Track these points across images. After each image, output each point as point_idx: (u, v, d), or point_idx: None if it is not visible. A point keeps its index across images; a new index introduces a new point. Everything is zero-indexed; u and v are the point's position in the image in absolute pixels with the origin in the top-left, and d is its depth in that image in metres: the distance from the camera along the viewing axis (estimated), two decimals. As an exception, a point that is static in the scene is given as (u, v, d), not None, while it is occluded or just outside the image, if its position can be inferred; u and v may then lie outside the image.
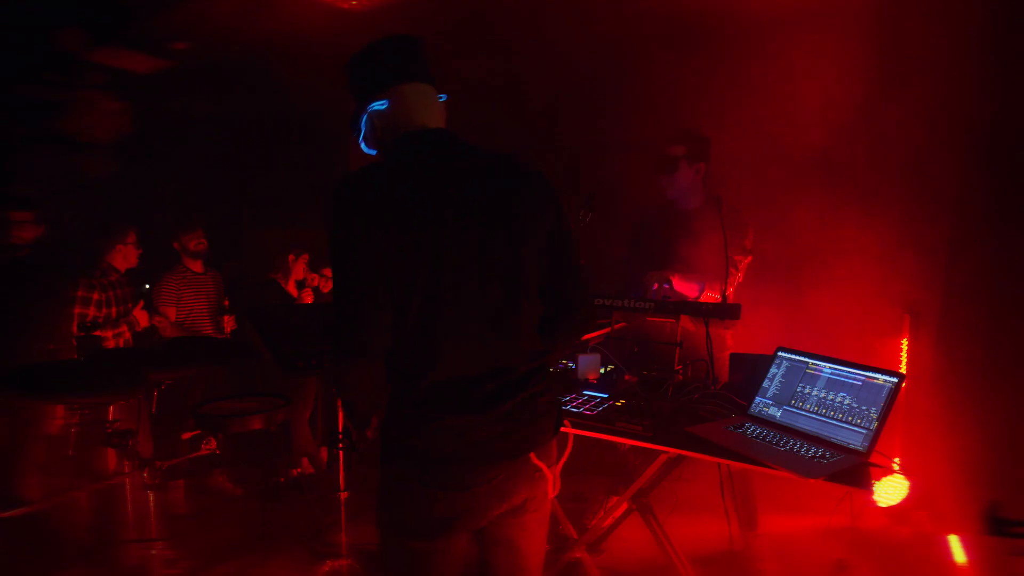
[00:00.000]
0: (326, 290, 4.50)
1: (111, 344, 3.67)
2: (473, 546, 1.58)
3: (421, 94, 1.50)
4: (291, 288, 4.28)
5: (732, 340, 2.98)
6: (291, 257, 4.24)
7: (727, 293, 2.68)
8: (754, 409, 2.17)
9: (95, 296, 3.66)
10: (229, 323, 4.22)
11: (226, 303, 4.28)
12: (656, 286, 2.74)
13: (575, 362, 2.55)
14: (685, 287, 2.84)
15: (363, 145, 1.57)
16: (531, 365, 1.48)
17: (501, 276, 1.42)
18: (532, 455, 1.49)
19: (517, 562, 1.59)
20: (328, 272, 4.48)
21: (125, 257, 3.89)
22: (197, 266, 4.25)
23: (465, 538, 1.51)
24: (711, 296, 2.85)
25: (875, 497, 1.68)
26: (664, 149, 3.07)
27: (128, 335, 3.80)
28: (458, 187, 1.41)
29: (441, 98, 1.55)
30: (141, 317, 3.86)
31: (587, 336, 2.61)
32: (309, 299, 4.37)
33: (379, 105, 1.49)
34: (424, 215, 1.36)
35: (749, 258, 2.99)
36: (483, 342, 1.42)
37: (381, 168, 1.43)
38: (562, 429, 2.10)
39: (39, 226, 3.45)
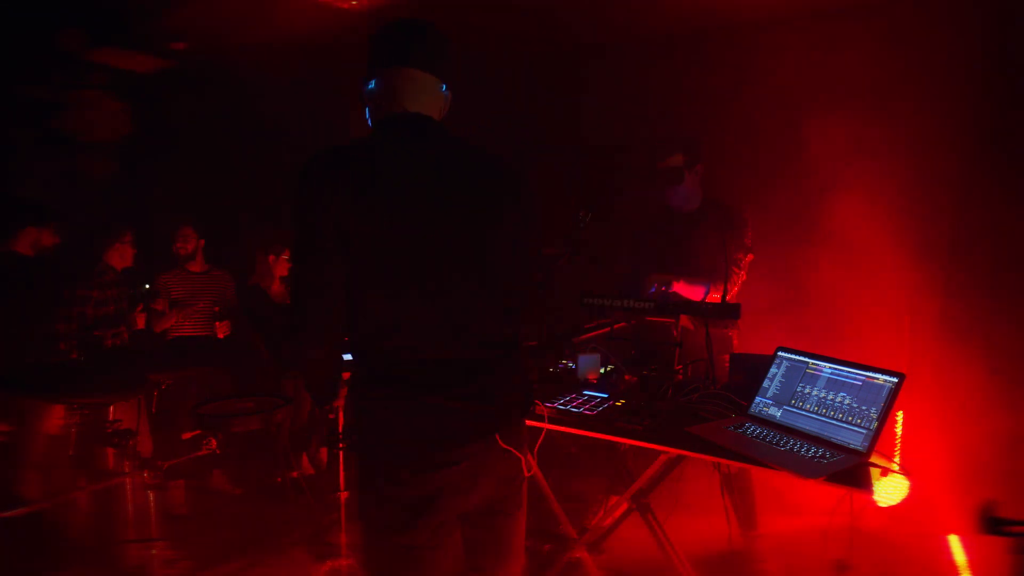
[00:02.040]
0: None
1: (108, 344, 3.67)
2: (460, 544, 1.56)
3: (411, 80, 1.50)
4: (276, 287, 4.19)
5: (738, 340, 2.97)
6: (271, 258, 4.19)
7: (732, 292, 2.67)
8: (754, 409, 2.16)
9: (94, 295, 3.66)
10: (222, 329, 4.14)
11: (216, 309, 4.20)
12: (655, 287, 2.73)
13: (575, 362, 2.55)
14: (690, 291, 2.83)
15: (369, 121, 1.60)
16: (496, 350, 1.49)
17: (464, 260, 1.44)
18: (498, 437, 1.48)
19: (500, 548, 1.58)
20: None
21: (122, 256, 3.90)
22: (195, 266, 4.24)
23: (452, 535, 1.49)
24: (714, 297, 2.84)
25: (875, 497, 1.68)
26: (662, 162, 3.01)
27: (126, 336, 3.79)
28: (426, 170, 1.43)
29: (442, 88, 1.55)
30: (141, 320, 3.85)
31: (587, 336, 2.61)
32: None
33: (370, 84, 1.53)
34: (390, 194, 1.38)
35: (751, 256, 2.99)
36: (446, 324, 1.43)
37: (352, 147, 1.43)
38: (562, 429, 2.12)
39: (57, 236, 3.48)
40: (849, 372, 2.02)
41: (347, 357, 1.53)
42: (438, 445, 1.41)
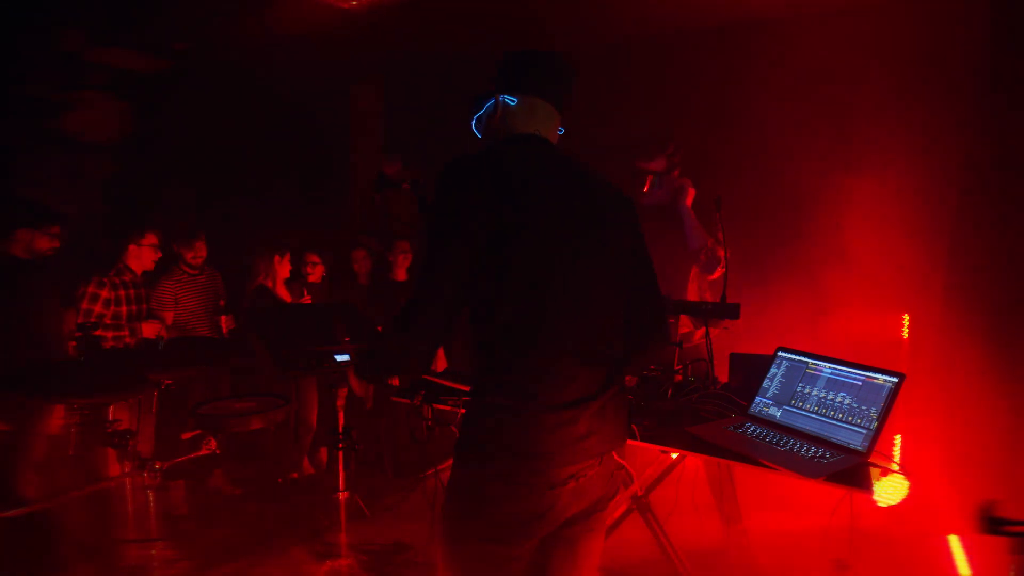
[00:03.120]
0: (312, 278, 4.48)
1: (109, 345, 3.65)
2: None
3: (547, 114, 1.56)
4: (280, 289, 4.23)
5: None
6: (276, 258, 4.19)
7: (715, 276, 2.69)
8: (754, 409, 2.16)
9: (104, 294, 3.62)
10: (227, 323, 4.16)
11: (222, 303, 4.22)
12: (650, 181, 2.80)
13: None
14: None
15: (473, 124, 1.64)
16: (614, 367, 1.50)
17: (597, 277, 1.46)
18: (615, 453, 1.51)
19: (578, 561, 1.55)
20: (312, 258, 4.44)
21: (139, 258, 3.83)
22: (195, 268, 4.22)
23: (545, 549, 1.47)
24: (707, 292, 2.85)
25: (875, 497, 1.68)
26: (640, 163, 3.07)
27: (129, 340, 3.76)
28: (563, 186, 1.46)
29: (560, 131, 1.61)
30: (147, 329, 3.82)
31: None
32: (307, 299, 4.33)
33: (510, 99, 1.55)
34: (539, 203, 1.40)
35: (725, 252, 2.95)
36: (579, 341, 1.42)
37: (495, 153, 1.47)
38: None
39: (55, 240, 3.45)
40: (849, 372, 2.02)
41: (344, 358, 1.52)
42: (560, 461, 1.39)
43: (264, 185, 5.63)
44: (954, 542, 3.00)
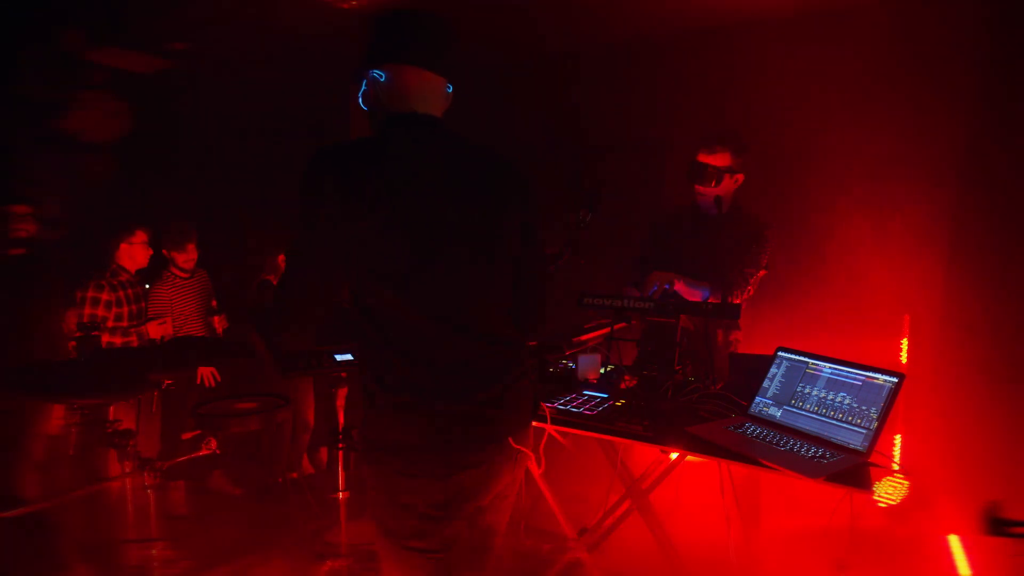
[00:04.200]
0: None
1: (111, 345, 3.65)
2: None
3: (421, 80, 1.48)
4: None
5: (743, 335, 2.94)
6: (281, 257, 4.19)
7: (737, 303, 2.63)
8: (754, 409, 2.16)
9: (104, 297, 3.62)
10: (220, 323, 4.14)
11: (214, 303, 4.20)
12: (656, 287, 2.68)
13: (575, 362, 2.55)
14: (688, 293, 2.77)
15: (360, 100, 1.56)
16: (505, 350, 1.49)
17: (472, 261, 1.44)
18: (511, 439, 1.50)
19: (487, 541, 1.58)
20: None
21: (132, 257, 3.82)
22: (185, 271, 4.20)
23: (461, 535, 1.48)
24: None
25: (875, 497, 1.68)
26: (705, 155, 2.74)
27: (135, 344, 3.75)
28: (436, 170, 1.42)
29: (448, 89, 1.54)
30: (153, 330, 3.78)
31: (588, 336, 2.61)
32: None
33: (377, 75, 1.48)
34: (398, 194, 1.36)
35: (763, 272, 2.83)
36: (458, 327, 1.42)
37: (360, 144, 1.42)
38: (563, 429, 2.12)
39: (35, 224, 3.41)
40: (849, 372, 2.02)
41: (345, 357, 1.54)
42: (454, 452, 1.40)
43: (264, 185, 5.63)
44: (954, 542, 3.00)
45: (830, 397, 2.01)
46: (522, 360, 1.55)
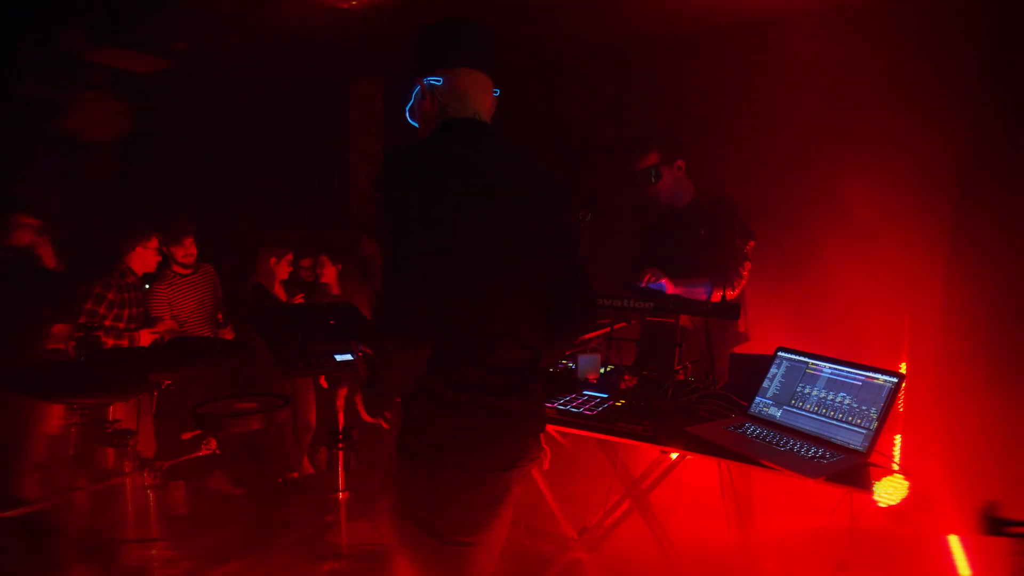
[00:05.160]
0: (309, 279, 4.46)
1: (108, 344, 3.64)
2: None
3: (477, 82, 1.52)
4: (278, 290, 4.20)
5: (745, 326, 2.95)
6: (272, 260, 4.15)
7: (734, 294, 2.64)
8: (754, 409, 2.16)
9: (110, 296, 3.61)
10: (228, 332, 4.13)
11: (220, 317, 4.16)
12: (647, 278, 2.71)
13: (575, 362, 2.55)
14: (690, 294, 2.79)
15: (408, 115, 1.59)
16: (531, 359, 1.51)
17: (514, 269, 1.46)
18: (541, 436, 1.57)
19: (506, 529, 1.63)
20: (323, 259, 4.43)
21: (143, 261, 3.80)
22: (186, 268, 4.19)
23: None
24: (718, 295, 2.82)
25: (875, 497, 1.68)
26: (636, 164, 2.99)
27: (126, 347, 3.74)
28: (493, 183, 1.45)
29: (495, 92, 1.58)
30: (145, 338, 3.76)
31: (587, 336, 2.61)
32: (299, 300, 4.31)
33: (435, 80, 1.50)
34: (460, 203, 1.39)
35: (748, 264, 2.90)
36: (496, 334, 1.44)
37: (430, 149, 1.46)
38: (563, 429, 2.13)
39: (40, 236, 3.42)
40: (849, 372, 2.02)
41: (345, 357, 1.52)
42: (513, 447, 1.46)
43: (264, 185, 5.63)
44: (954, 542, 3.00)
45: (830, 397, 2.01)
46: (539, 367, 1.59)
